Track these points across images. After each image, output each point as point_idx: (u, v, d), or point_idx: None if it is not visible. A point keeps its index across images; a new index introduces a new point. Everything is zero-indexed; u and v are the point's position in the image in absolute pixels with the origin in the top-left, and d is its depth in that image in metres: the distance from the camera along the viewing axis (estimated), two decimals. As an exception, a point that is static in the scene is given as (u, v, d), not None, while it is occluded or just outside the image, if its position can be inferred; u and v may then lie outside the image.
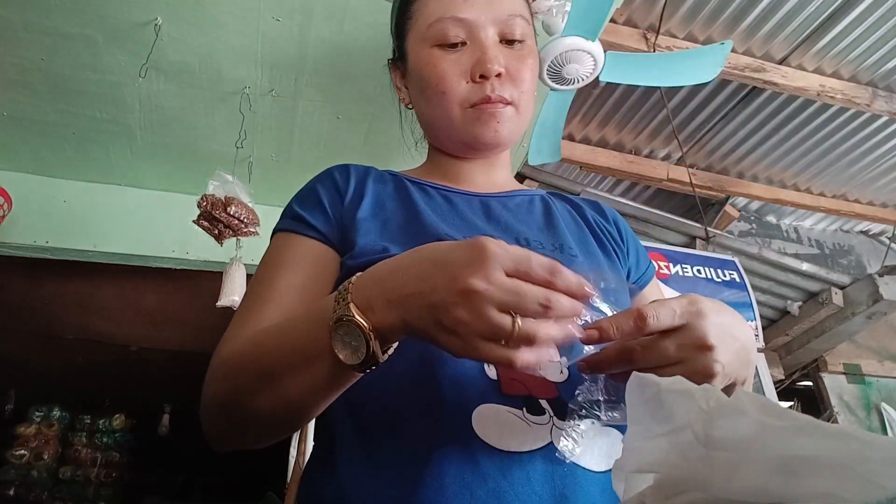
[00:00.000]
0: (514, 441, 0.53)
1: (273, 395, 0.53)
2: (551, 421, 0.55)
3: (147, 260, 2.80)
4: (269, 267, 0.68)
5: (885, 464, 0.26)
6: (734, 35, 2.51)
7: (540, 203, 0.80)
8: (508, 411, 0.54)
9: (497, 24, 0.72)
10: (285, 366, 0.52)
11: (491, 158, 0.81)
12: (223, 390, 0.57)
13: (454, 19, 0.72)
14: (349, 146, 2.58)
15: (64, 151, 2.60)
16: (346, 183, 0.74)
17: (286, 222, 0.72)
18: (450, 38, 0.72)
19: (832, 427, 0.29)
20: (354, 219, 0.69)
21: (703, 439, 0.31)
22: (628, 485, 0.37)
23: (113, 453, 5.15)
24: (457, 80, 0.71)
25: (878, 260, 3.66)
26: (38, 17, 1.94)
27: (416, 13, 0.76)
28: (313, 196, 0.73)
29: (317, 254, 0.68)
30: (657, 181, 3.25)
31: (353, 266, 0.64)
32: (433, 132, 0.80)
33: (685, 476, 0.32)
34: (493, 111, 0.71)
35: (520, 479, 0.51)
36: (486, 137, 0.72)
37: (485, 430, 0.53)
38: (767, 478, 0.28)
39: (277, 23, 1.99)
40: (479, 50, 0.71)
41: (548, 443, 0.53)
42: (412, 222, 0.70)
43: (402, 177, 0.78)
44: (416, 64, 0.75)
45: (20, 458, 4.70)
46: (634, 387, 0.37)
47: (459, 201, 0.75)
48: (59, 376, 4.86)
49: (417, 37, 0.75)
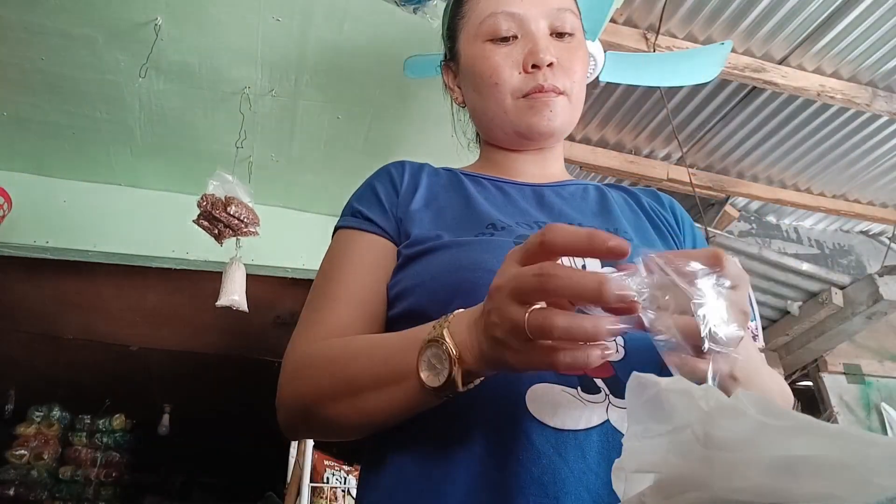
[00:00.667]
0: (568, 419, 0.53)
1: (353, 405, 0.55)
2: (607, 399, 0.54)
3: (147, 260, 2.80)
4: (334, 264, 0.71)
5: (884, 464, 0.26)
6: (734, 35, 2.51)
7: (594, 192, 0.80)
8: (563, 390, 0.54)
9: (547, 18, 0.74)
10: (371, 379, 0.54)
11: (544, 151, 0.81)
12: (304, 390, 0.59)
13: (506, 14, 0.74)
14: (349, 146, 2.58)
15: (64, 151, 2.60)
16: (400, 178, 0.76)
17: (347, 220, 0.74)
18: (501, 31, 0.74)
19: (832, 427, 0.28)
20: (408, 211, 0.72)
21: (702, 439, 0.31)
22: (628, 485, 0.37)
23: (113, 453, 5.14)
24: (509, 71, 0.73)
25: (878, 260, 3.65)
26: (38, 17, 1.94)
27: (468, 12, 0.78)
28: (371, 192, 0.75)
29: (377, 248, 0.70)
30: (657, 181, 3.25)
31: (409, 255, 0.66)
32: (487, 125, 0.81)
33: (685, 476, 0.32)
34: (546, 100, 0.72)
35: (575, 456, 0.51)
36: (539, 126, 0.73)
37: (539, 409, 0.53)
38: (767, 478, 0.28)
39: (277, 23, 1.99)
40: (531, 41, 0.73)
41: (604, 421, 0.53)
42: (465, 210, 0.71)
43: (456, 171, 0.80)
44: (470, 59, 0.77)
45: (20, 458, 4.70)
46: (634, 387, 0.37)
47: (512, 191, 0.76)
48: (59, 376, 4.85)
49: (470, 34, 0.77)
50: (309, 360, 0.61)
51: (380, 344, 0.57)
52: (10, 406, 5.07)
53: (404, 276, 0.66)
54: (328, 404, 0.57)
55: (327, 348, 0.61)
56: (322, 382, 0.58)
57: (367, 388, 0.54)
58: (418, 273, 0.64)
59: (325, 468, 2.53)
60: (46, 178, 2.73)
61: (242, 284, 2.35)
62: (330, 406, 0.56)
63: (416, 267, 0.65)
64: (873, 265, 3.67)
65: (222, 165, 2.23)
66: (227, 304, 2.28)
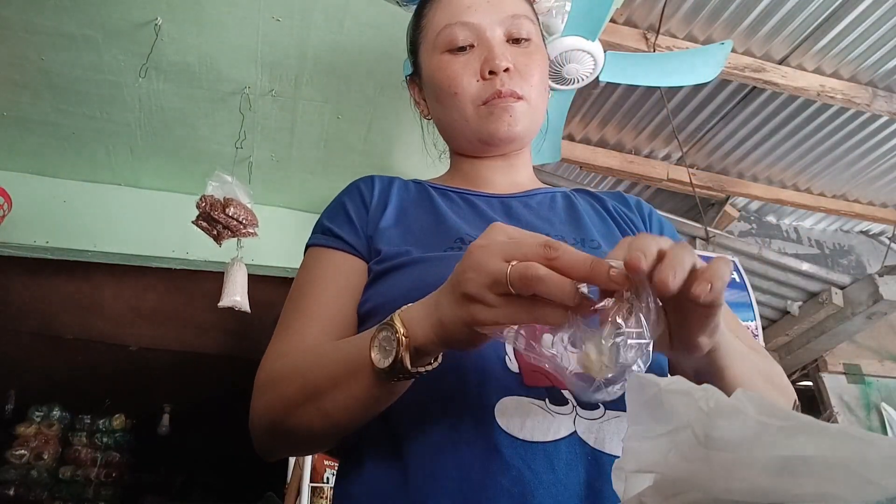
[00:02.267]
0: (537, 431, 0.54)
1: (316, 409, 0.56)
2: (574, 410, 0.55)
3: (147, 260, 2.80)
4: (305, 283, 0.71)
5: (884, 464, 0.26)
6: (734, 35, 2.51)
7: (562, 199, 0.80)
8: (531, 402, 0.55)
9: (502, 25, 0.75)
10: (329, 380, 0.55)
11: (511, 158, 0.82)
12: (272, 403, 0.60)
13: (460, 24, 0.75)
14: (349, 146, 2.58)
15: (64, 151, 2.60)
16: (370, 194, 0.77)
17: (317, 237, 0.75)
18: (458, 41, 0.75)
19: (831, 427, 0.29)
20: (378, 228, 0.72)
21: (702, 439, 0.31)
22: (628, 485, 0.37)
23: (113, 453, 5.15)
24: (468, 79, 0.74)
25: (878, 260, 3.66)
26: (38, 17, 1.94)
27: (425, 27, 0.80)
28: (341, 210, 0.76)
29: (347, 266, 0.71)
30: (657, 181, 3.25)
31: (378, 271, 0.67)
32: (451, 135, 0.82)
33: (685, 476, 0.32)
34: (505, 105, 0.73)
35: (543, 467, 0.52)
36: (500, 132, 0.74)
37: (507, 421, 0.54)
38: (767, 478, 0.28)
39: (277, 23, 1.99)
40: (487, 49, 0.74)
41: (571, 432, 0.54)
42: (434, 225, 0.72)
43: (425, 184, 0.81)
44: (430, 71, 0.78)
45: (20, 458, 4.70)
46: (634, 387, 0.37)
47: (481, 203, 0.76)
48: (59, 376, 4.86)
49: (428, 47, 0.79)
50: (275, 374, 0.61)
51: (338, 346, 0.58)
52: (10, 406, 5.07)
53: (374, 293, 0.67)
54: (293, 412, 0.57)
55: (292, 361, 0.61)
56: (287, 392, 0.58)
57: (328, 389, 0.54)
58: (387, 290, 0.65)
59: (325, 468, 2.53)
60: (46, 178, 2.73)
61: (244, 285, 2.35)
62: (294, 415, 0.57)
63: (385, 283, 0.66)
64: (873, 265, 3.67)
65: (222, 165, 2.23)
66: (229, 305, 2.28)
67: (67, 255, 2.71)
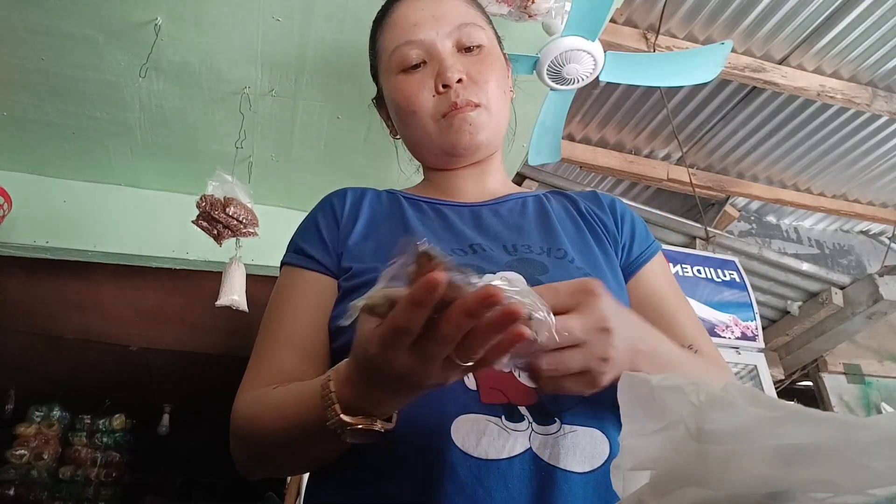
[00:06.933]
0: (491, 449, 0.54)
1: (287, 462, 0.62)
2: (530, 427, 0.55)
3: (147, 260, 2.80)
4: (277, 305, 0.73)
5: (873, 446, 0.26)
6: (734, 35, 2.51)
7: (533, 204, 0.80)
8: (487, 420, 0.55)
9: (450, 37, 0.76)
10: (291, 442, 0.58)
11: (481, 165, 0.82)
12: (245, 451, 0.63)
13: (409, 42, 0.76)
14: (349, 146, 2.58)
15: (64, 151, 2.60)
16: (342, 208, 0.78)
17: (290, 256, 0.77)
18: (410, 60, 0.76)
19: (821, 414, 0.29)
20: (348, 244, 0.73)
21: (695, 434, 0.31)
22: (627, 483, 0.37)
23: (113, 453, 5.14)
24: (424, 96, 0.75)
25: (878, 260, 3.65)
26: (38, 17, 1.95)
27: (379, 50, 0.82)
28: (313, 227, 0.77)
29: (319, 286, 0.71)
30: (657, 181, 3.25)
31: (347, 287, 0.68)
32: (418, 152, 0.84)
33: (680, 471, 0.32)
34: (464, 116, 0.73)
35: (497, 485, 0.52)
36: (462, 142, 0.74)
37: (463, 440, 0.54)
38: (761, 468, 0.28)
39: (277, 23, 1.99)
40: (438, 63, 0.75)
41: (526, 449, 0.54)
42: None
43: (398, 194, 0.81)
44: (388, 93, 0.80)
45: (20, 458, 4.69)
46: (626, 385, 0.37)
47: (451, 213, 0.77)
48: (59, 376, 4.85)
49: (384, 69, 0.80)
50: (247, 422, 0.63)
51: (299, 403, 0.58)
52: (10, 406, 5.07)
53: (342, 311, 0.67)
54: (267, 464, 0.62)
55: (252, 408, 0.63)
56: (258, 447, 0.62)
57: (294, 452, 0.58)
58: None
59: (324, 468, 2.52)
60: (46, 178, 2.73)
61: (242, 284, 2.35)
62: (268, 466, 0.62)
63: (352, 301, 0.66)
64: (873, 265, 3.67)
65: (222, 165, 2.23)
66: (226, 304, 2.28)
67: (67, 255, 2.71)
